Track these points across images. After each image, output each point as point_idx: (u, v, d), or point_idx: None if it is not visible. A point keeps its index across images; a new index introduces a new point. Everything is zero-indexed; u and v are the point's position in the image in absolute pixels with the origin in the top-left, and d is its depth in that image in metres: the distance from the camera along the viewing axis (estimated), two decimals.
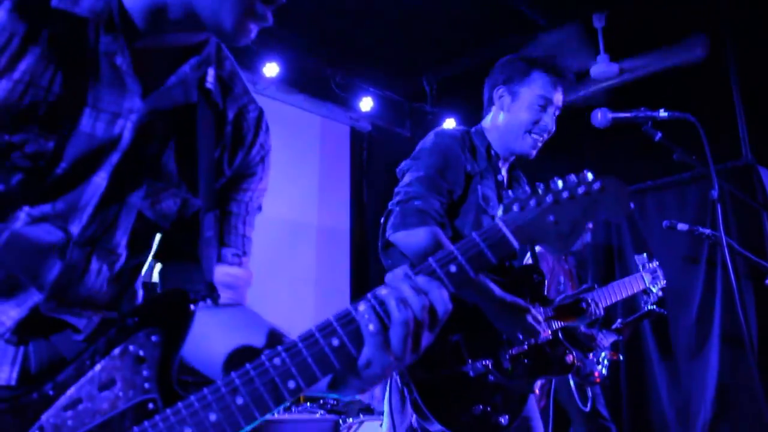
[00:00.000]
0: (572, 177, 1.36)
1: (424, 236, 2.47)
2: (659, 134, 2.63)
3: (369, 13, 5.80)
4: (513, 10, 5.45)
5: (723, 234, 2.44)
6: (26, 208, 1.15)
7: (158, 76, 1.22)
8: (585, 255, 5.92)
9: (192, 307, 1.20)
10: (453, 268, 1.20)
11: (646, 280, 3.59)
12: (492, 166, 2.80)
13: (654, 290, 3.62)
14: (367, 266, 6.75)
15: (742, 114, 4.98)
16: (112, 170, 1.19)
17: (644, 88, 5.76)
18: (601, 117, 2.68)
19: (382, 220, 2.71)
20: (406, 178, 2.65)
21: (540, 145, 2.82)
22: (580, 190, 1.35)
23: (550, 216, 1.31)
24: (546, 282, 2.76)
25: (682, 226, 4.03)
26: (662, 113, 2.59)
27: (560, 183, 1.34)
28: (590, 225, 1.35)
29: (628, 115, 2.66)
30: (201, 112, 1.30)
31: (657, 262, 3.68)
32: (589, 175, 1.37)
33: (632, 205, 1.39)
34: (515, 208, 1.30)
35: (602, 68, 5.51)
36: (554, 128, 2.84)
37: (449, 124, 6.73)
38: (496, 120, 2.86)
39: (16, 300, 1.17)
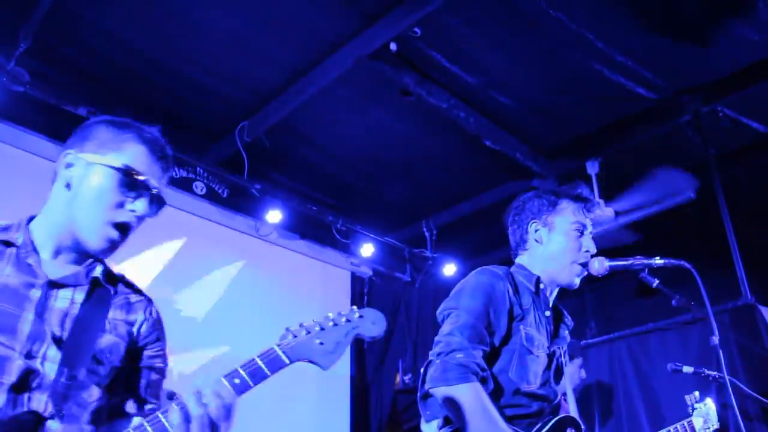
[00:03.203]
0: (339, 312, 1.81)
1: (464, 394, 2.34)
2: (656, 281, 2.66)
3: (368, 161, 6.00)
4: (509, 158, 5.64)
5: (727, 379, 2.42)
6: None
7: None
8: (590, 392, 5.80)
9: None
10: (237, 380, 1.63)
11: (697, 424, 3.39)
12: (539, 302, 2.72)
13: None
14: (367, 412, 6.59)
15: (738, 254, 5.04)
16: None
17: (641, 231, 5.88)
18: (598, 266, 2.71)
19: (422, 369, 2.56)
20: (447, 326, 2.52)
21: (584, 274, 2.76)
22: (343, 319, 1.79)
23: (317, 340, 1.74)
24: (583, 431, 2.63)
25: (687, 369, 3.99)
26: (657, 260, 2.62)
27: (330, 315, 1.80)
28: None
29: (624, 263, 2.69)
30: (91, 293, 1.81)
31: (712, 400, 3.49)
32: (354, 308, 1.82)
33: (385, 326, 1.83)
34: (290, 336, 1.75)
35: (598, 212, 5.62)
36: (595, 249, 2.79)
37: (449, 269, 6.79)
38: (535, 254, 2.81)
39: None
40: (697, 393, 3.50)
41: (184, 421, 1.55)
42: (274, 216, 5.86)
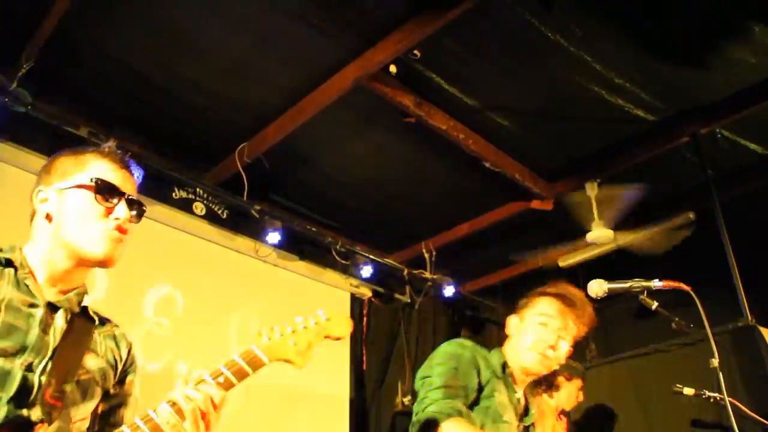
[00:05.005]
0: (309, 316, 2.03)
1: (449, 428, 2.48)
2: (655, 304, 2.66)
3: (368, 182, 6.02)
4: (508, 180, 5.65)
5: (727, 401, 2.42)
6: None
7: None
8: (590, 414, 5.76)
9: None
10: (221, 379, 1.79)
11: None
12: (506, 379, 2.88)
13: None
14: None
15: (738, 276, 5.03)
16: None
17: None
18: (597, 288, 2.72)
19: None
20: (422, 393, 2.71)
21: (546, 362, 2.91)
22: (312, 322, 2.02)
23: (290, 341, 1.93)
24: None
25: (688, 391, 3.98)
26: (656, 283, 2.62)
27: (300, 318, 2.00)
28: None
29: (623, 285, 2.70)
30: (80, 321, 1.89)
31: None
32: (322, 311, 2.07)
33: (351, 327, 2.09)
34: (265, 338, 1.90)
35: (597, 234, 5.64)
36: (559, 345, 2.93)
37: (449, 290, 6.78)
38: (509, 342, 3.02)
39: None
40: None
41: (175, 415, 1.70)
42: (274, 237, 5.86)
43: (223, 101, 5.03)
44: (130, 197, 1.95)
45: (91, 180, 1.89)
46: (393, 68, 4.56)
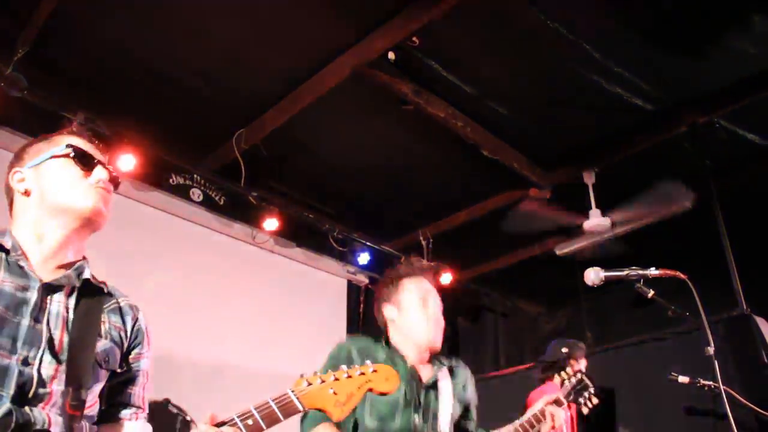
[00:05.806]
0: (355, 365, 1.94)
1: None
2: (652, 292, 2.66)
3: (365, 169, 6.01)
4: (506, 168, 5.65)
5: (722, 389, 2.42)
6: None
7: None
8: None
9: None
10: (250, 421, 1.73)
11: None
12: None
13: None
14: None
15: (734, 265, 5.05)
16: None
17: (637, 240, 5.88)
18: (593, 276, 2.72)
19: None
20: None
21: (441, 332, 2.95)
22: (358, 372, 1.91)
23: (330, 390, 1.85)
24: None
25: (683, 379, 4.00)
26: (653, 271, 2.62)
27: (345, 367, 1.91)
28: None
29: (619, 273, 2.70)
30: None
31: None
32: (369, 363, 1.95)
33: (398, 383, 1.92)
34: (304, 383, 1.84)
35: (594, 222, 5.64)
36: (440, 313, 3.01)
37: (445, 278, 6.79)
38: (394, 330, 3.05)
39: None
40: None
41: None
42: (271, 224, 5.86)
43: (221, 87, 5.02)
44: (106, 164, 1.95)
45: (66, 147, 1.90)
46: (391, 55, 4.55)
